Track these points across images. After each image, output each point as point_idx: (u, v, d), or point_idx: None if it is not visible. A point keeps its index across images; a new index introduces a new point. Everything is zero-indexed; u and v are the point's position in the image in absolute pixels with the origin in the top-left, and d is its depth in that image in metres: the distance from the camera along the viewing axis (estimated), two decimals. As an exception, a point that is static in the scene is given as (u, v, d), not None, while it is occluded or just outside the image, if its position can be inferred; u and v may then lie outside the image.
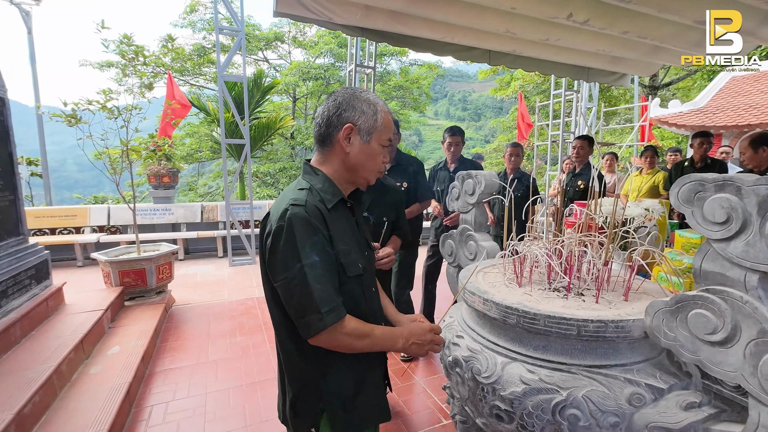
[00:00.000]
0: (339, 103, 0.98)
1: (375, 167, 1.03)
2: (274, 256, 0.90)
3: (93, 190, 18.87)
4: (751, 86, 8.75)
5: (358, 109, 0.98)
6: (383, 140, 1.01)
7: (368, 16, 3.46)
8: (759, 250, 0.72)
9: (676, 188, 0.84)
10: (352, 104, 0.97)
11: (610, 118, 15.10)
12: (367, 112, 0.98)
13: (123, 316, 3.34)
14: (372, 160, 1.02)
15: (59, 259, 5.86)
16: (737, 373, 0.76)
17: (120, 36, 3.80)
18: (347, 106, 0.98)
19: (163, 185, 6.62)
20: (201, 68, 16.12)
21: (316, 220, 0.91)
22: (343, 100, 0.98)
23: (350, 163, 1.00)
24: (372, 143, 1.00)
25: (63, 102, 3.47)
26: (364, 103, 0.98)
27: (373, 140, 1.00)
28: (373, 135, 0.99)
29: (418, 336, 1.02)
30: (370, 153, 1.00)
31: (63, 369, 2.22)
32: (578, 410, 0.91)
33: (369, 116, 0.98)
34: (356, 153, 0.99)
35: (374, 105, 0.99)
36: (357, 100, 0.98)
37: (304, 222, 0.89)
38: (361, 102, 0.98)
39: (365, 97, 1.00)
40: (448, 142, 3.22)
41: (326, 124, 0.98)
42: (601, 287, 1.15)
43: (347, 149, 0.98)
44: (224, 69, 5.27)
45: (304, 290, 0.87)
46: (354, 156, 0.99)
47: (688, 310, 0.83)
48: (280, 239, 0.89)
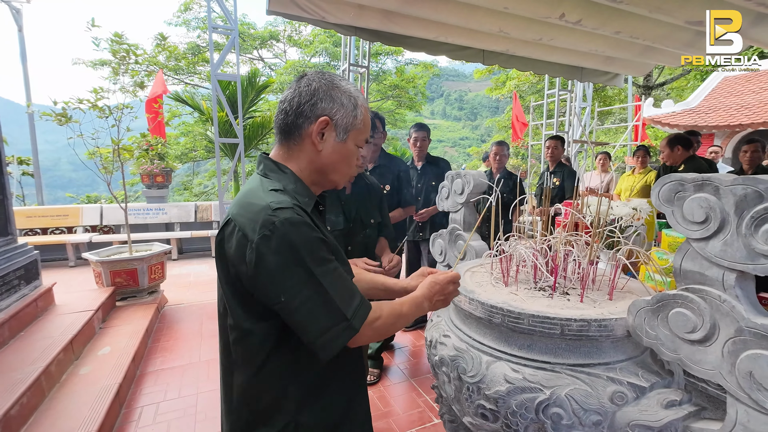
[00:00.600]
0: (314, 90, 0.82)
1: (348, 170, 0.89)
2: (265, 274, 0.72)
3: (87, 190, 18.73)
4: (743, 86, 8.83)
5: (337, 101, 0.82)
6: (360, 140, 0.88)
7: (361, 16, 3.45)
8: (736, 250, 0.73)
9: (657, 188, 0.85)
10: (330, 94, 0.82)
11: (605, 118, 15.19)
12: (346, 106, 0.83)
13: (114, 316, 3.32)
14: (346, 161, 0.87)
15: (50, 259, 5.82)
16: (716, 371, 0.76)
17: (111, 34, 3.77)
18: (324, 95, 0.82)
19: (156, 185, 6.58)
20: (195, 67, 16.04)
21: (308, 219, 0.76)
22: (320, 87, 0.82)
23: (320, 163, 0.85)
24: (348, 143, 0.85)
25: (53, 101, 3.44)
26: (344, 94, 0.84)
27: (349, 139, 0.85)
28: (350, 133, 0.85)
29: (440, 293, 0.92)
30: (345, 153, 0.86)
31: (52, 370, 2.20)
32: (561, 409, 0.92)
33: (348, 111, 0.83)
34: (329, 152, 0.84)
35: (354, 99, 0.85)
36: (336, 90, 0.83)
37: (300, 225, 0.73)
38: (341, 93, 0.83)
39: (345, 87, 0.85)
40: (414, 137, 3.11)
41: (296, 112, 0.82)
42: (587, 286, 1.16)
43: (319, 147, 0.83)
44: (218, 68, 5.24)
45: (319, 301, 0.72)
46: (326, 155, 0.84)
47: (669, 309, 0.84)
48: (270, 253, 0.71)
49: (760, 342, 0.70)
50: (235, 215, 0.77)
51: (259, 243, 0.71)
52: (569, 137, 8.20)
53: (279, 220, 0.71)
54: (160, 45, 13.88)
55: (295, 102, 0.82)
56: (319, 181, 0.88)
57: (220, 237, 0.79)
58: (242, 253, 0.73)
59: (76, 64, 13.81)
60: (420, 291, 0.92)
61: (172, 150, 12.86)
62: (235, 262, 0.75)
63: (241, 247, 0.73)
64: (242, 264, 0.73)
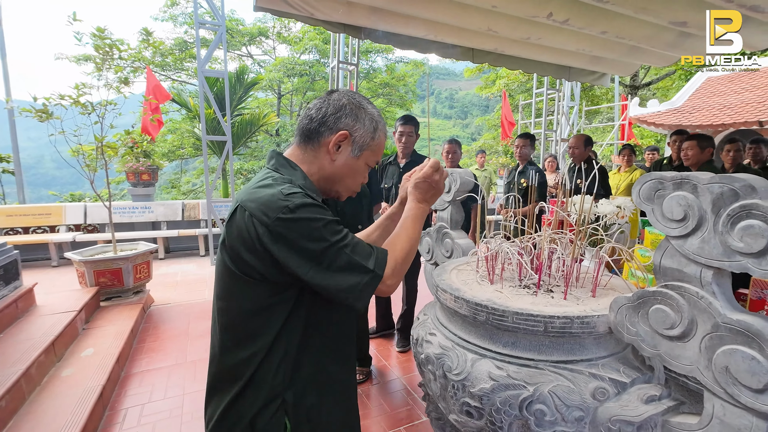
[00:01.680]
0: (342, 106, 0.90)
1: (353, 185, 0.97)
2: (287, 251, 0.76)
3: (71, 188, 18.30)
4: (726, 87, 9.02)
5: (360, 120, 0.91)
6: (371, 161, 0.96)
7: (350, 13, 3.43)
8: (713, 247, 0.74)
9: (637, 186, 0.86)
10: (355, 113, 0.90)
11: (593, 117, 15.39)
12: (367, 127, 0.92)
13: (98, 317, 3.25)
14: (354, 176, 0.95)
15: (32, 259, 5.68)
16: (693, 366, 0.78)
17: (94, 29, 3.68)
18: (350, 112, 0.90)
19: (142, 183, 6.46)
20: (183, 63, 15.80)
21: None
22: (347, 104, 0.90)
23: (330, 172, 0.91)
24: (360, 160, 0.93)
25: (33, 96, 3.35)
26: (368, 116, 0.92)
27: (362, 157, 0.93)
28: (364, 152, 0.93)
29: (429, 188, 0.98)
30: (355, 169, 0.93)
31: (32, 372, 2.15)
32: (544, 405, 0.92)
33: (368, 131, 0.92)
34: (341, 164, 0.91)
35: (376, 123, 0.94)
36: (361, 111, 0.91)
37: (313, 206, 0.79)
38: (365, 114, 0.92)
39: (370, 110, 0.93)
40: (400, 131, 2.82)
41: (320, 121, 0.89)
42: (571, 284, 1.17)
43: (333, 156, 0.90)
44: (205, 64, 5.17)
45: (342, 262, 0.78)
46: (338, 166, 0.91)
47: (649, 305, 0.85)
48: (289, 232, 0.76)
49: (735, 337, 0.71)
50: (245, 202, 0.80)
51: (276, 224, 0.76)
52: (557, 136, 8.29)
53: (293, 203, 0.77)
54: (146, 41, 13.63)
55: (322, 111, 0.89)
56: (324, 188, 0.94)
57: (229, 224, 0.82)
58: (255, 237, 0.77)
59: (59, 59, 13.48)
60: (411, 199, 0.99)
61: (159, 147, 12.65)
62: (247, 246, 0.78)
63: (254, 231, 0.77)
64: (255, 248, 0.77)
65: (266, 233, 0.76)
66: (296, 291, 0.82)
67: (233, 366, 0.85)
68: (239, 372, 0.84)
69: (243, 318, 0.84)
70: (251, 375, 0.83)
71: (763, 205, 0.67)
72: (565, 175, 1.84)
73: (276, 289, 0.81)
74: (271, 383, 0.83)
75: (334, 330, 0.90)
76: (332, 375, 0.90)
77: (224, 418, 0.84)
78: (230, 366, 0.85)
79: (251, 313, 0.83)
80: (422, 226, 0.97)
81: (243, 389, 0.84)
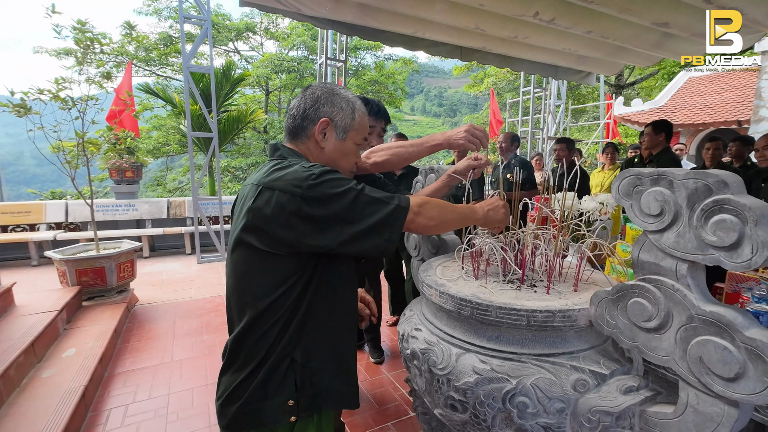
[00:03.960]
0: (317, 97, 0.97)
1: (347, 166, 1.03)
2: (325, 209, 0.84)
3: (52, 185, 17.85)
4: (707, 87, 9.24)
5: (337, 105, 0.97)
6: (358, 139, 1.02)
7: (338, 9, 3.41)
8: (688, 241, 0.76)
9: (617, 183, 0.88)
10: (330, 100, 0.97)
11: (579, 116, 15.61)
12: (345, 109, 0.98)
13: (80, 316, 3.19)
14: (345, 158, 1.02)
15: (11, 258, 5.54)
16: (669, 357, 0.80)
17: (74, 21, 3.58)
18: (326, 101, 0.97)
19: (126, 180, 6.33)
20: (168, 58, 15.48)
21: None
22: (322, 94, 0.98)
23: (323, 160, 0.99)
24: (347, 141, 1.00)
25: (10, 91, 3.25)
26: (343, 99, 0.99)
27: (348, 138, 1.00)
28: (349, 133, 0.99)
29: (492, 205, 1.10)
30: (344, 151, 1.00)
31: (11, 374, 2.10)
32: (527, 397, 0.94)
33: (347, 113, 0.98)
34: (331, 149, 0.99)
35: (352, 103, 1.00)
36: (336, 96, 0.98)
37: (333, 171, 0.88)
38: (340, 98, 0.98)
39: (344, 94, 1.00)
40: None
41: (302, 116, 0.97)
42: (554, 279, 1.19)
43: (322, 144, 0.98)
44: (190, 59, 5.08)
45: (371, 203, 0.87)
46: (328, 152, 0.99)
47: (628, 298, 0.87)
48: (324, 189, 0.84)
49: (708, 328, 0.73)
50: (269, 183, 0.86)
51: (309, 191, 0.83)
52: (544, 134, 8.38)
53: (317, 171, 0.85)
54: (129, 35, 13.31)
55: (302, 108, 0.97)
56: None
57: (254, 207, 0.86)
58: (292, 211, 0.83)
59: (38, 52, 13.10)
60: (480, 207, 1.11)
61: (144, 144, 12.41)
62: (280, 222, 0.84)
63: (291, 205, 0.83)
64: (291, 222, 0.84)
65: (303, 202, 0.83)
66: (313, 266, 0.90)
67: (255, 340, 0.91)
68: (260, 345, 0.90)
69: (263, 294, 0.90)
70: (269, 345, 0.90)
71: (734, 200, 0.69)
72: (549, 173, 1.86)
73: (299, 264, 0.88)
74: (285, 347, 0.91)
75: (340, 303, 0.98)
76: (335, 344, 0.97)
77: (239, 387, 0.91)
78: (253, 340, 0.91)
79: (272, 289, 0.89)
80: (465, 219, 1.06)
81: (261, 362, 0.90)
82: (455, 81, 65.81)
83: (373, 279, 2.78)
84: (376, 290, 2.81)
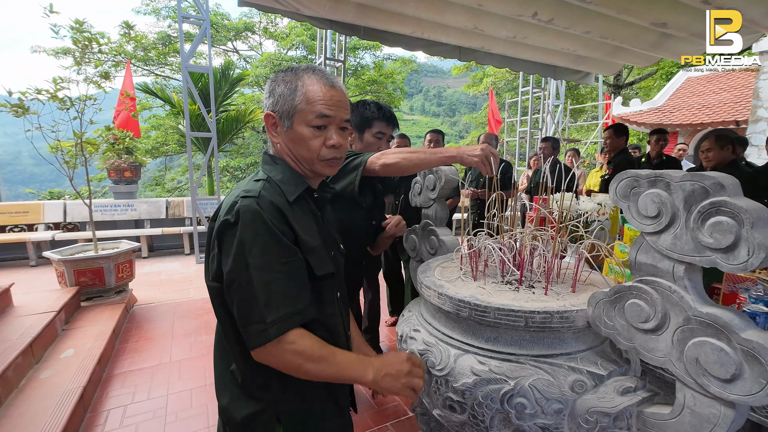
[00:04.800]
0: (267, 91, 0.87)
1: (308, 154, 0.86)
2: (221, 253, 0.79)
3: (50, 185, 17.79)
4: (705, 87, 9.26)
5: (275, 94, 0.84)
6: (310, 119, 0.83)
7: (337, 9, 3.41)
8: (685, 243, 0.76)
9: (614, 184, 0.88)
10: (270, 89, 0.86)
11: (578, 116, 15.62)
12: (284, 94, 0.83)
13: (79, 317, 3.18)
14: (301, 146, 0.85)
15: (9, 258, 5.53)
16: (666, 358, 0.80)
17: (72, 21, 3.57)
18: (268, 94, 0.86)
19: (124, 180, 6.32)
20: (166, 58, 15.44)
21: (270, 214, 0.78)
22: (268, 85, 0.87)
23: (288, 154, 0.89)
24: (295, 128, 0.84)
25: (8, 91, 3.24)
26: (282, 83, 0.84)
27: (295, 124, 0.84)
28: (294, 118, 0.84)
29: (392, 366, 0.85)
30: (296, 139, 0.85)
31: (9, 375, 2.10)
32: (525, 398, 0.94)
33: (286, 97, 0.83)
34: (284, 142, 0.87)
35: (294, 80, 0.84)
36: (275, 83, 0.85)
37: (254, 215, 0.76)
38: (279, 83, 0.84)
39: (285, 76, 0.85)
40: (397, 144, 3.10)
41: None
42: (552, 280, 1.19)
43: (276, 140, 0.88)
44: (188, 59, 5.07)
45: (248, 295, 0.75)
46: (284, 148, 0.88)
47: (625, 300, 0.87)
48: (226, 235, 0.78)
49: (705, 330, 0.74)
50: (222, 201, 0.85)
51: (221, 224, 0.79)
52: (542, 134, 8.38)
53: (240, 206, 0.77)
54: (127, 34, 13.27)
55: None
56: (305, 171, 0.90)
57: (210, 222, 0.87)
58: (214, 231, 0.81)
59: (36, 52, 13.06)
60: (370, 357, 0.87)
61: (142, 144, 12.37)
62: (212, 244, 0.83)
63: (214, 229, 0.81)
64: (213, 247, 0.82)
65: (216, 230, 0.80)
66: None
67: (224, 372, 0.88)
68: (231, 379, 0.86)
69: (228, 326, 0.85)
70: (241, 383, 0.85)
71: (731, 202, 0.69)
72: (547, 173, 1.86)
73: None
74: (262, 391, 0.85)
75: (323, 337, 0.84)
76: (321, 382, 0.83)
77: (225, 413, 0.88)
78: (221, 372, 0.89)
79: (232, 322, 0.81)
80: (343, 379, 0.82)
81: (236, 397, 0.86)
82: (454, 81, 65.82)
83: (371, 280, 2.78)
84: (375, 291, 2.80)
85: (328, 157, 0.87)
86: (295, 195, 0.85)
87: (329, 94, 0.84)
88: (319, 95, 0.83)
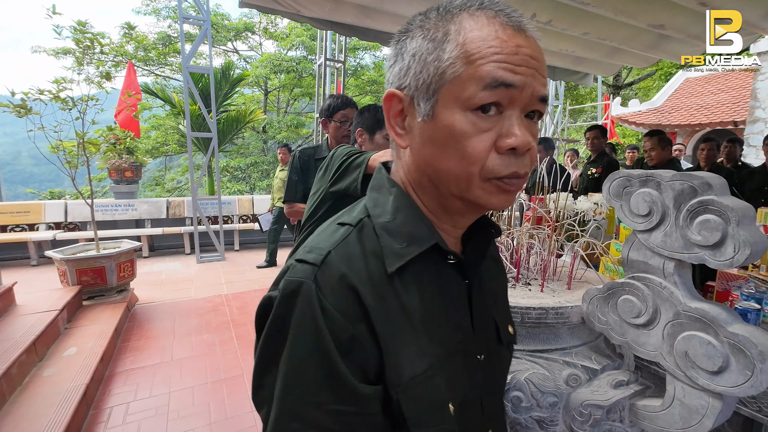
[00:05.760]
0: (391, 52, 0.49)
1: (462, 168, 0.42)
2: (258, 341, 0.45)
3: (51, 185, 17.83)
4: (703, 87, 9.29)
5: (407, 53, 0.45)
6: (470, 94, 0.40)
7: (337, 10, 3.43)
8: (675, 240, 0.79)
9: (607, 184, 0.91)
10: (398, 48, 0.47)
11: (577, 116, 15.66)
12: (421, 51, 0.43)
13: (81, 316, 3.20)
14: (448, 151, 0.42)
15: (11, 258, 5.54)
16: (657, 352, 0.83)
17: (74, 22, 3.60)
18: (393, 54, 0.48)
19: (125, 180, 6.34)
20: (166, 58, 15.48)
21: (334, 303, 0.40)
22: (393, 41, 0.49)
23: (418, 163, 0.47)
24: (440, 115, 0.42)
25: (11, 91, 3.27)
26: (419, 30, 0.45)
27: (440, 107, 0.42)
28: (439, 94, 0.42)
29: None
30: (439, 139, 0.43)
31: (12, 373, 2.12)
32: (521, 392, 0.97)
33: (426, 56, 0.43)
34: (416, 148, 0.46)
35: (443, 23, 0.43)
36: (406, 34, 0.47)
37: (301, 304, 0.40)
38: (414, 33, 0.45)
39: (421, 19, 0.46)
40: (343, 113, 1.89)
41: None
42: (549, 277, 1.22)
43: (403, 143, 0.47)
44: (189, 59, 5.10)
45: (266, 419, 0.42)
46: (413, 157, 0.47)
47: (618, 296, 0.90)
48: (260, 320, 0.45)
49: (694, 324, 0.76)
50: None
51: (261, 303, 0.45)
52: (542, 134, 8.42)
53: (287, 281, 0.42)
54: (128, 35, 13.31)
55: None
56: (443, 205, 0.47)
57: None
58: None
59: (36, 52, 13.07)
60: None
61: (143, 144, 12.40)
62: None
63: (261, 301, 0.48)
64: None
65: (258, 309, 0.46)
66: None
67: None
68: None
69: None
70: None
71: (718, 200, 0.72)
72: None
73: None
74: None
75: None
76: None
77: None
78: None
79: None
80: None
81: None
82: (454, 81, 65.69)
83: None
84: None
85: (503, 172, 0.42)
86: (402, 260, 0.43)
87: (513, 42, 0.42)
88: (494, 44, 0.41)
